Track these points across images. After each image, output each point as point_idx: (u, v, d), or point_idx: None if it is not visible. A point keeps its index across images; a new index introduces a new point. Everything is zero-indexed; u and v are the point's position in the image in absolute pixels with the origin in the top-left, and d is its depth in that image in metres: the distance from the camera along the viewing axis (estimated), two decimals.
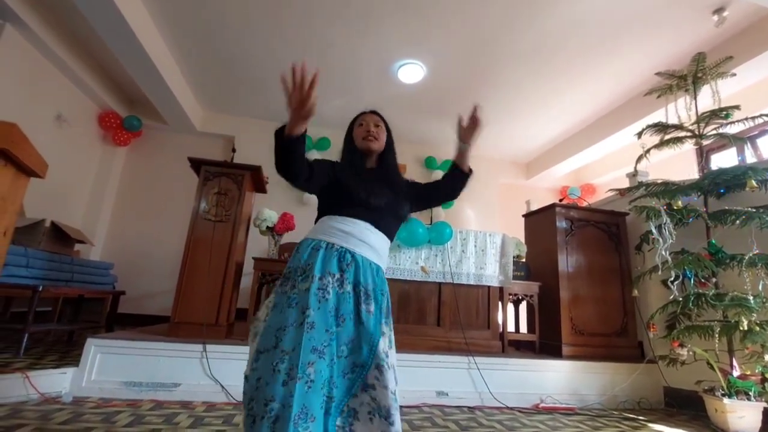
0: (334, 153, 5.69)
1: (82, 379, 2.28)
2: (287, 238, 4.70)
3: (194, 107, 5.13)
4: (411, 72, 4.18)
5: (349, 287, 1.19)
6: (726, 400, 2.34)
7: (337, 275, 1.19)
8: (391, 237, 1.38)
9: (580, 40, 3.61)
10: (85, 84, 4.33)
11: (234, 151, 3.25)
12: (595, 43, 3.64)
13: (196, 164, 2.86)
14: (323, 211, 1.37)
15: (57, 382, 2.23)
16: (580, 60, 3.88)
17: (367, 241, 1.27)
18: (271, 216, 3.04)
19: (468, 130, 1.41)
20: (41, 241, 3.17)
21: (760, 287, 2.43)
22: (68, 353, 2.83)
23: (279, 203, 4.96)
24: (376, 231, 1.31)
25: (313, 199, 5.41)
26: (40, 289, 2.66)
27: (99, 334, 2.59)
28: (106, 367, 2.34)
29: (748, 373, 2.46)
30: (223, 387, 2.36)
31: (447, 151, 6.02)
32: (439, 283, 3.09)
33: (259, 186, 3.20)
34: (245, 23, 3.63)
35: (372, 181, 1.36)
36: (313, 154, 5.50)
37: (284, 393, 1.01)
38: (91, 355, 2.34)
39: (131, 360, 2.37)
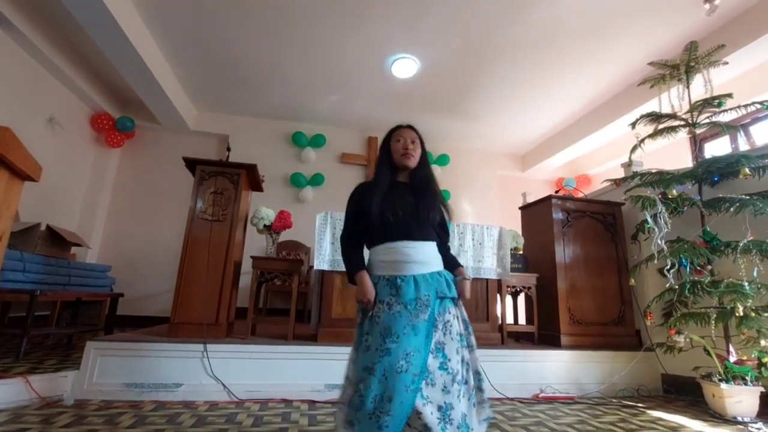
0: (329, 150, 5.68)
1: (83, 382, 2.28)
2: (285, 236, 4.71)
3: (187, 107, 5.09)
4: (405, 67, 4.17)
5: (399, 307, 1.32)
6: (723, 386, 2.37)
7: (387, 300, 1.34)
8: (433, 239, 1.47)
9: (573, 31, 3.60)
10: (76, 86, 4.29)
11: (229, 149, 3.23)
12: (587, 34, 3.64)
13: (192, 164, 2.85)
14: (370, 241, 1.49)
15: (58, 385, 2.22)
16: (573, 51, 3.88)
17: (409, 260, 1.38)
18: (269, 214, 3.03)
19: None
20: (37, 245, 3.15)
21: (755, 273, 2.46)
22: (68, 357, 2.83)
23: (276, 201, 4.97)
24: (414, 243, 1.40)
25: (309, 196, 5.41)
26: (38, 293, 2.65)
27: (98, 336, 2.58)
28: (107, 370, 2.34)
29: (745, 358, 2.49)
30: (225, 386, 2.37)
31: (442, 146, 6.03)
32: None
33: (255, 184, 3.19)
34: (236, 21, 3.60)
35: (399, 196, 1.45)
36: (308, 152, 5.49)
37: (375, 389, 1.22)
38: (92, 358, 2.33)
39: (132, 362, 2.37)
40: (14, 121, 3.55)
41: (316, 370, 2.53)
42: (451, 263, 1.53)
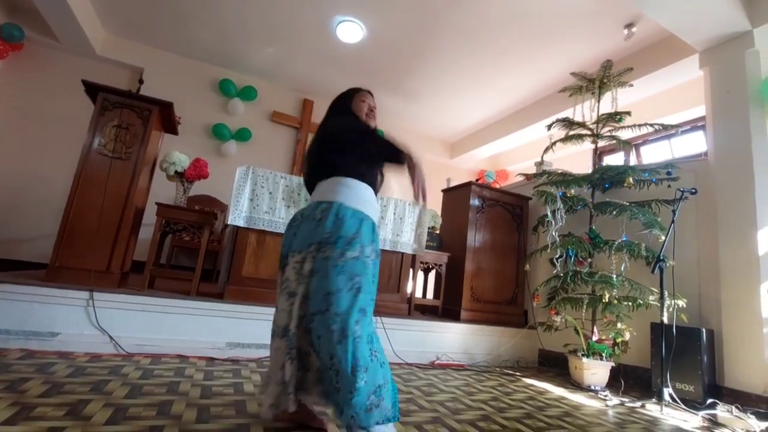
0: (259, 105, 5.34)
1: None
2: (200, 189, 4.39)
3: (95, 26, 4.40)
4: (350, 31, 4.04)
5: (375, 256, 1.50)
6: (584, 360, 2.78)
7: (375, 248, 1.50)
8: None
9: (518, 31, 3.78)
10: None
11: (141, 82, 2.87)
12: (530, 36, 3.85)
13: (92, 89, 2.49)
14: (364, 176, 1.57)
15: None
16: (513, 50, 4.09)
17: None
18: (181, 160, 2.78)
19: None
20: None
21: (623, 268, 2.88)
22: None
23: (193, 150, 4.55)
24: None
25: (231, 151, 5.08)
26: None
27: None
28: None
29: (604, 338, 2.94)
30: (111, 338, 2.18)
31: (377, 121, 6.00)
32: None
33: (170, 126, 2.90)
34: None
35: None
36: (236, 103, 5.11)
37: None
38: None
39: None
40: None
41: (218, 328, 2.44)
42: None
